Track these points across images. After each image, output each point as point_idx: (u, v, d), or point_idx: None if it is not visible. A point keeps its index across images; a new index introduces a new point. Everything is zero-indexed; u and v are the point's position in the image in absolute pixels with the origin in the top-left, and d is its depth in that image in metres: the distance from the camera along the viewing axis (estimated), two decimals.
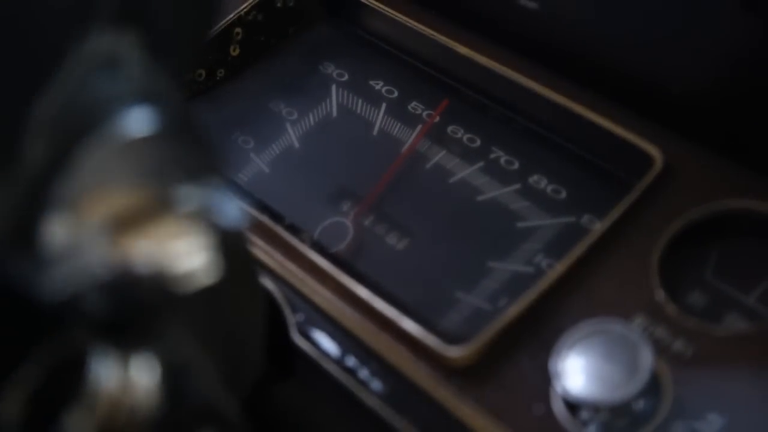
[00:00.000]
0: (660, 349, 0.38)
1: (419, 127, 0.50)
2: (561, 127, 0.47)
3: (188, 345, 0.29)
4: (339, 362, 0.41)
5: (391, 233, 0.46)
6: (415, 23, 0.52)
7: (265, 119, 0.53)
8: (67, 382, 0.26)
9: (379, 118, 0.51)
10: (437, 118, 0.50)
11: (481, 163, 0.48)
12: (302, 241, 0.45)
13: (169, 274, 0.26)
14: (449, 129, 0.50)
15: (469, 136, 0.49)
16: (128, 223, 0.26)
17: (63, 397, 0.26)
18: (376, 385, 0.40)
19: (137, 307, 0.26)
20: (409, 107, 0.51)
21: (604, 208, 0.43)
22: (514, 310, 0.40)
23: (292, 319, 0.43)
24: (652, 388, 0.37)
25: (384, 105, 0.52)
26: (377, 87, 0.53)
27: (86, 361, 0.26)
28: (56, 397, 0.26)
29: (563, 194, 0.46)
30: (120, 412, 0.26)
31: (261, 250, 0.45)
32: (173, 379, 0.27)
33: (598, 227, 0.42)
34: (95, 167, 0.26)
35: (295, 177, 0.50)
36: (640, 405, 0.37)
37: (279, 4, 0.55)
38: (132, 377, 0.26)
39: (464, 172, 0.48)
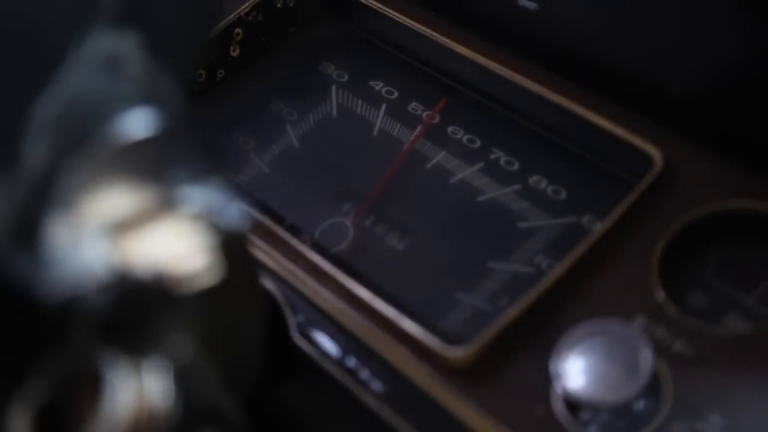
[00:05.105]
0: (660, 350, 0.38)
1: (419, 127, 0.50)
2: (561, 127, 0.47)
3: (189, 346, 0.29)
4: (339, 363, 0.41)
5: (392, 234, 0.46)
6: (415, 24, 0.52)
7: (265, 120, 0.53)
8: (80, 395, 0.26)
9: (379, 119, 0.51)
10: (436, 118, 0.50)
11: (481, 164, 0.48)
12: (302, 241, 0.45)
13: (170, 275, 0.26)
14: (449, 129, 0.50)
15: (469, 136, 0.49)
16: (129, 224, 0.26)
17: (75, 411, 0.26)
18: (377, 385, 0.40)
19: (138, 309, 0.26)
20: (409, 108, 0.51)
21: (605, 209, 0.43)
22: (514, 310, 0.40)
23: (292, 319, 0.43)
24: (653, 388, 0.37)
25: (384, 105, 0.52)
26: (377, 87, 0.53)
27: (100, 373, 0.26)
28: (67, 412, 0.26)
29: (563, 194, 0.46)
30: (141, 420, 0.26)
31: (261, 250, 0.45)
32: (175, 380, 0.27)
33: (599, 227, 0.42)
34: (96, 168, 0.26)
35: (296, 177, 0.50)
36: (640, 405, 0.37)
37: (279, 5, 0.55)
38: (146, 383, 0.26)
39: (464, 172, 0.48)
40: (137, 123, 0.26)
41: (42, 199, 0.25)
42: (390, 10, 0.53)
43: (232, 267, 0.28)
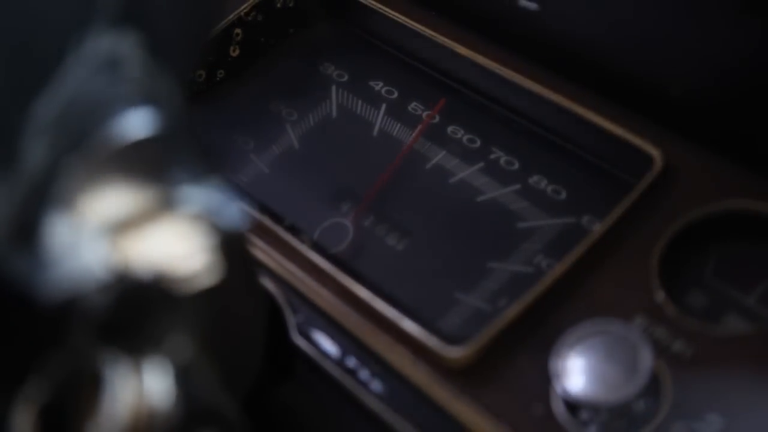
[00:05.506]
0: (660, 350, 0.38)
1: (419, 127, 0.50)
2: (561, 127, 0.47)
3: (188, 346, 0.29)
4: (339, 363, 0.41)
5: (391, 234, 0.46)
6: (415, 24, 0.52)
7: (265, 120, 0.53)
8: (82, 395, 0.26)
9: (379, 119, 0.51)
10: (436, 118, 0.50)
11: (481, 164, 0.48)
12: (302, 241, 0.45)
13: (170, 275, 0.26)
14: (449, 129, 0.50)
15: (469, 136, 0.49)
16: (129, 224, 0.26)
17: (77, 410, 0.26)
18: (376, 385, 0.40)
19: (137, 309, 0.26)
20: (409, 108, 0.51)
21: (604, 209, 0.43)
22: (513, 310, 0.40)
23: (292, 319, 0.43)
24: (652, 388, 0.37)
25: (384, 105, 0.52)
26: (377, 87, 0.53)
27: (100, 371, 0.26)
28: (69, 411, 0.26)
29: (563, 195, 0.46)
30: (141, 419, 0.26)
31: (261, 250, 0.45)
32: (175, 380, 0.27)
33: (598, 228, 0.42)
34: (96, 168, 0.26)
35: (295, 178, 0.50)
36: (639, 405, 0.37)
37: (279, 5, 0.55)
38: (146, 383, 0.26)
39: (464, 172, 0.48)
40: (137, 123, 0.26)
41: (42, 199, 0.25)
42: (390, 10, 0.53)
43: (232, 267, 0.28)
